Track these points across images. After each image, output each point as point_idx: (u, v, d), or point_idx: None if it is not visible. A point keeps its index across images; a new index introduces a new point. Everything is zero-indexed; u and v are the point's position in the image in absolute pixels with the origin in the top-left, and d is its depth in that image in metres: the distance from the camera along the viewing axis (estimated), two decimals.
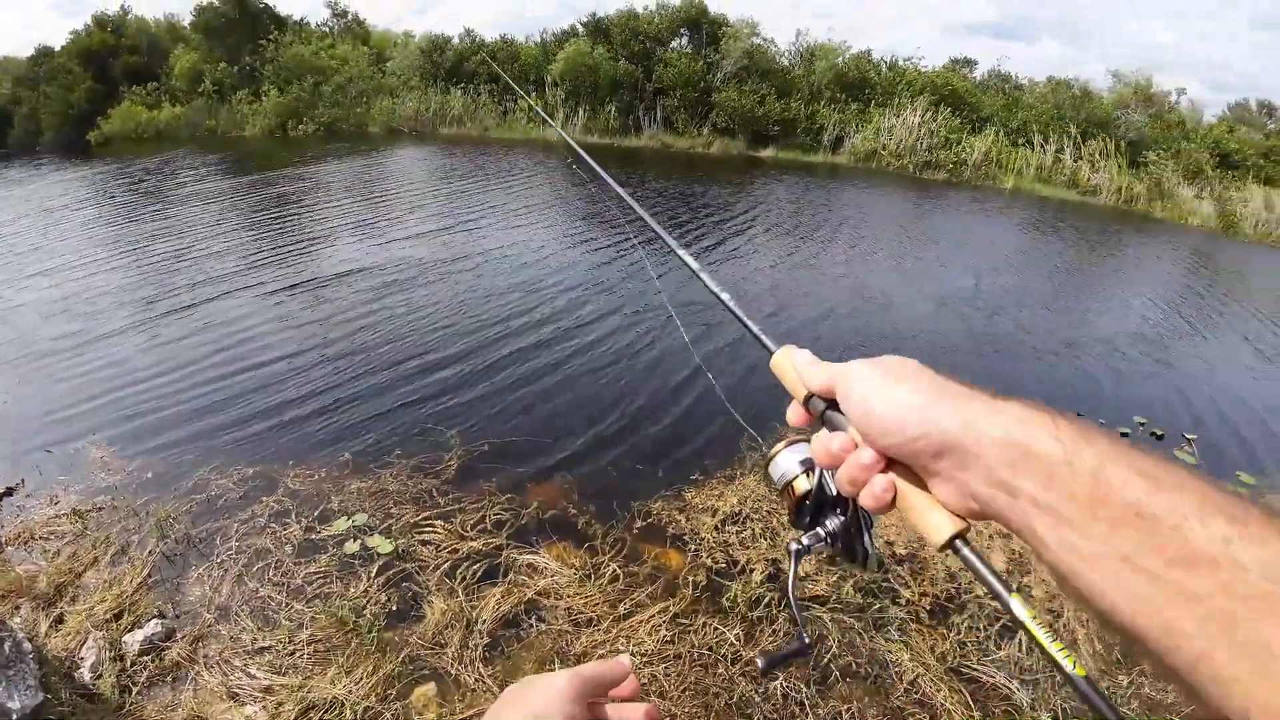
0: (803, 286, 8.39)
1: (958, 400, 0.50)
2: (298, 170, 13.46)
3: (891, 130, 19.68)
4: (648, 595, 3.18)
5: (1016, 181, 19.04)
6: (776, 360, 0.68)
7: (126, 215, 9.85)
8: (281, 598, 3.11)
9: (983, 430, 0.48)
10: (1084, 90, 21.01)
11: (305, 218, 9.80)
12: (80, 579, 3.18)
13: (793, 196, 14.46)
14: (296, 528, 3.51)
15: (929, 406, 0.51)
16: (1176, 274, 12.62)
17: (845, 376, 0.58)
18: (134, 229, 9.17)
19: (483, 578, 3.21)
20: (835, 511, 0.66)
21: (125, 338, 5.91)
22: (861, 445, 0.56)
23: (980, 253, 11.54)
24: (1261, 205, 18.13)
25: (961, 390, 0.52)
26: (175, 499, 3.72)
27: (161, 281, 7.20)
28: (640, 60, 20.93)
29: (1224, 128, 21.70)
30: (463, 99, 20.41)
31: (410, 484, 3.84)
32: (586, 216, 10.91)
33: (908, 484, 0.54)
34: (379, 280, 7.25)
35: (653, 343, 6.07)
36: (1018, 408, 0.48)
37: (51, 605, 3.02)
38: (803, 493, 0.69)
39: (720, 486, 4.01)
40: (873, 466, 0.54)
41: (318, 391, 4.95)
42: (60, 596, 3.08)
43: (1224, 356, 7.96)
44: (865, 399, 0.55)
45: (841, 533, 0.66)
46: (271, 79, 18.96)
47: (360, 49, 21.19)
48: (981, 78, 23.69)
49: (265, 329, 5.98)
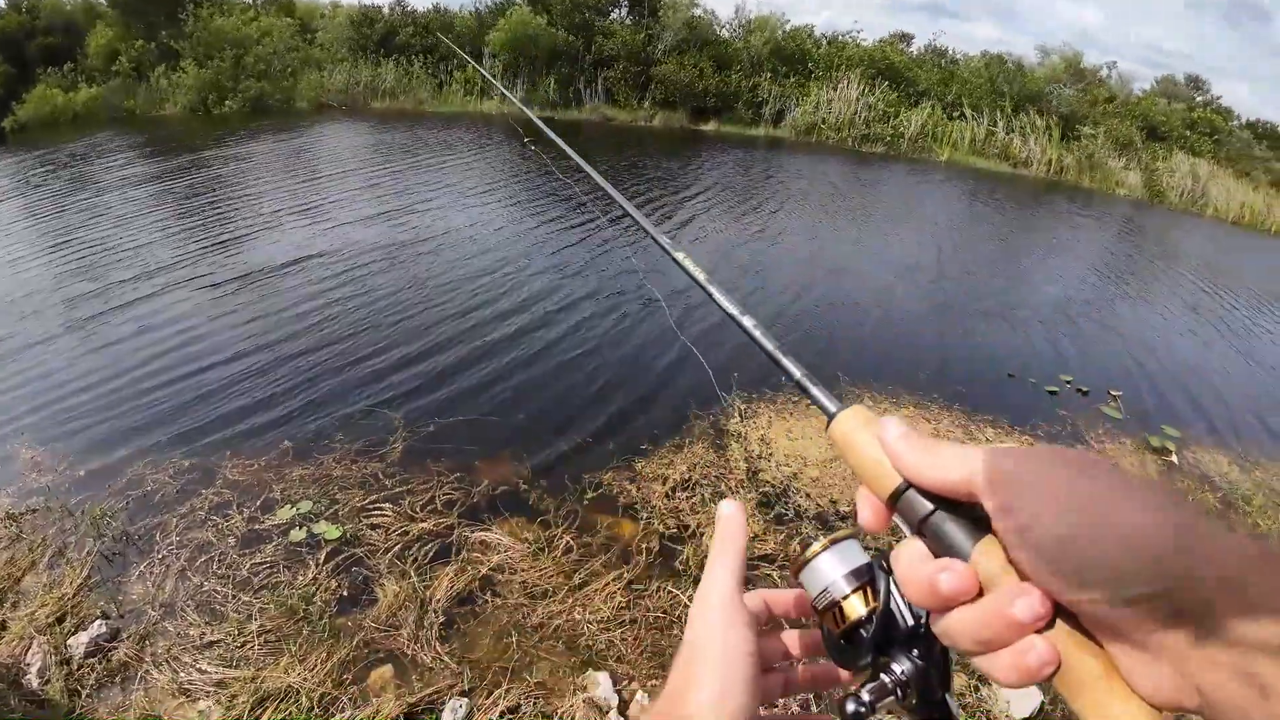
0: (758, 259, 8.52)
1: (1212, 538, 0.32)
2: (224, 150, 12.77)
3: (830, 104, 19.94)
4: (602, 564, 3.24)
5: (951, 154, 19.61)
6: (844, 427, 0.48)
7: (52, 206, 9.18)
8: (228, 590, 3.04)
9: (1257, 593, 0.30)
10: (1017, 65, 21.67)
11: (234, 202, 9.36)
12: (19, 584, 3.08)
13: (739, 170, 14.55)
14: (239, 519, 3.42)
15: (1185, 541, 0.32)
16: (1106, 241, 13.28)
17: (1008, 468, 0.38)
18: (59, 221, 8.57)
19: (435, 558, 3.20)
20: (908, 650, 0.45)
21: (50, 335, 5.55)
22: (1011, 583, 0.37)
23: (922, 223, 11.88)
24: (1187, 174, 19.14)
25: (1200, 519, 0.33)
26: (110, 496, 3.59)
27: (88, 275, 6.77)
28: (580, 31, 20.57)
29: (1150, 101, 22.75)
30: (395, 71, 19.69)
31: (355, 469, 3.77)
32: (531, 192, 10.74)
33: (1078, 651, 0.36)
34: (310, 265, 6.98)
35: (599, 320, 6.07)
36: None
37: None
38: (856, 619, 0.47)
39: (670, 455, 4.08)
40: (1031, 623, 0.36)
41: (252, 380, 4.78)
42: (0, 603, 2.96)
43: (1150, 317, 8.47)
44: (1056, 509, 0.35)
45: (917, 680, 0.44)
46: (190, 52, 17.92)
47: (285, 20, 20.18)
48: (918, 52, 24.14)
49: (194, 319, 5.71)
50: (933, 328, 6.93)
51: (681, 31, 20.38)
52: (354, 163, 12.26)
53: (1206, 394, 6.24)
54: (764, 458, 4.20)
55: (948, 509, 0.41)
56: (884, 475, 0.44)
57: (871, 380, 5.35)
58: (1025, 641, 0.36)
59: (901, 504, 0.43)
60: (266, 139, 14.18)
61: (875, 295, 7.62)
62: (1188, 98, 24.86)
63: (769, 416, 4.65)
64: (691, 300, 6.08)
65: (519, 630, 2.85)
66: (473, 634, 2.84)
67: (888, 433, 0.44)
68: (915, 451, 0.42)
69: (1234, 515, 4.33)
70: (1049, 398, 5.57)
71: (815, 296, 7.31)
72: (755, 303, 6.78)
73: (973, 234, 11.67)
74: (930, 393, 5.28)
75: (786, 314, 6.72)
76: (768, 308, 6.73)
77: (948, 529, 0.40)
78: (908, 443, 0.43)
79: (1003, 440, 4.74)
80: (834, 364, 5.59)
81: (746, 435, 4.42)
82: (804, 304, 7.05)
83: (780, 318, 6.56)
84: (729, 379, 5.12)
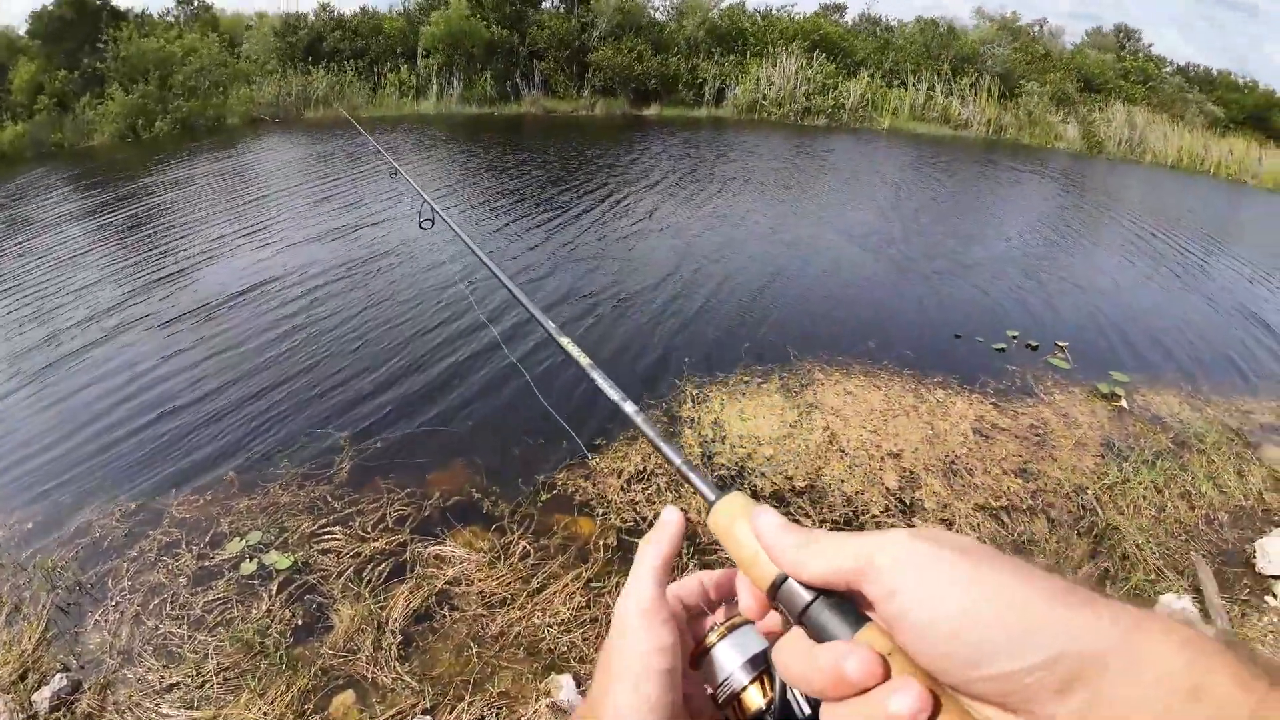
0: (717, 236, 8.60)
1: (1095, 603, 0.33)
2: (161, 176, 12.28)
3: (770, 80, 20.06)
4: (560, 565, 3.24)
5: (893, 121, 19.90)
6: (722, 515, 0.47)
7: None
8: (183, 631, 2.99)
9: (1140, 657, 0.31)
10: (950, 28, 21.98)
11: (175, 230, 9.05)
12: None
13: (685, 151, 14.55)
14: (188, 557, 3.35)
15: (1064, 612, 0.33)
16: (1048, 194, 13.62)
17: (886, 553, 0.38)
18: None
19: (389, 577, 3.17)
20: None
21: None
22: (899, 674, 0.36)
23: (868, 191, 12.05)
24: (1124, 123, 19.66)
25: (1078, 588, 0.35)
26: (60, 546, 3.49)
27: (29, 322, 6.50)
28: (513, 24, 20.30)
29: (1082, 54, 23.28)
30: (326, 78, 19.22)
31: (302, 493, 3.70)
32: (483, 194, 10.61)
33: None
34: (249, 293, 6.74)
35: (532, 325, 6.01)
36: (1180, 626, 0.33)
37: None
38: (756, 712, 0.45)
39: (624, 448, 4.08)
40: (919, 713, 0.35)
41: (193, 414, 4.63)
42: None
43: (1094, 265, 8.71)
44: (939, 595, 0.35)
45: None
46: (115, 77, 17.26)
47: (210, 36, 19.54)
48: (853, 21, 24.33)
49: (132, 359, 5.49)
50: (881, 294, 7.04)
51: (615, 17, 20.25)
52: (296, 178, 11.95)
53: (1154, 336, 6.42)
54: (718, 440, 4.24)
55: (827, 597, 0.40)
56: (762, 565, 0.44)
57: (821, 352, 5.41)
58: None
59: (781, 594, 0.42)
60: (202, 160, 13.75)
61: (823, 266, 7.72)
62: (1117, 48, 25.46)
63: (720, 399, 4.68)
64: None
65: (479, 641, 2.84)
66: (432, 650, 2.82)
67: (762, 526, 0.44)
68: (792, 546, 0.42)
69: (1188, 454, 4.42)
70: (998, 355, 5.70)
71: (765, 271, 7.37)
72: (710, 281, 6.83)
73: (918, 198, 11.84)
74: (880, 359, 5.37)
75: (735, 291, 6.75)
76: (718, 287, 6.77)
77: (828, 618, 0.40)
78: (783, 536, 0.43)
79: (953, 401, 4.84)
80: (784, 339, 5.64)
81: (700, 420, 4.44)
82: (750, 280, 7.09)
83: (729, 295, 6.61)
84: (680, 364, 5.15)
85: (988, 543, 0.40)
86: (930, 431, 4.47)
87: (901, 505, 3.80)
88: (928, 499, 3.85)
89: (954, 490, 3.96)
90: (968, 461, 4.21)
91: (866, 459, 4.14)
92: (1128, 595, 3.24)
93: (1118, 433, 4.68)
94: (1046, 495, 3.97)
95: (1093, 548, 3.60)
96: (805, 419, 4.49)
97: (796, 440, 4.26)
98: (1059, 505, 3.90)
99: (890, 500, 3.82)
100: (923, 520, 3.68)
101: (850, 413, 4.60)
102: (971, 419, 4.67)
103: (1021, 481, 4.07)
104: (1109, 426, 4.76)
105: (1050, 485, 4.06)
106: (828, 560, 0.40)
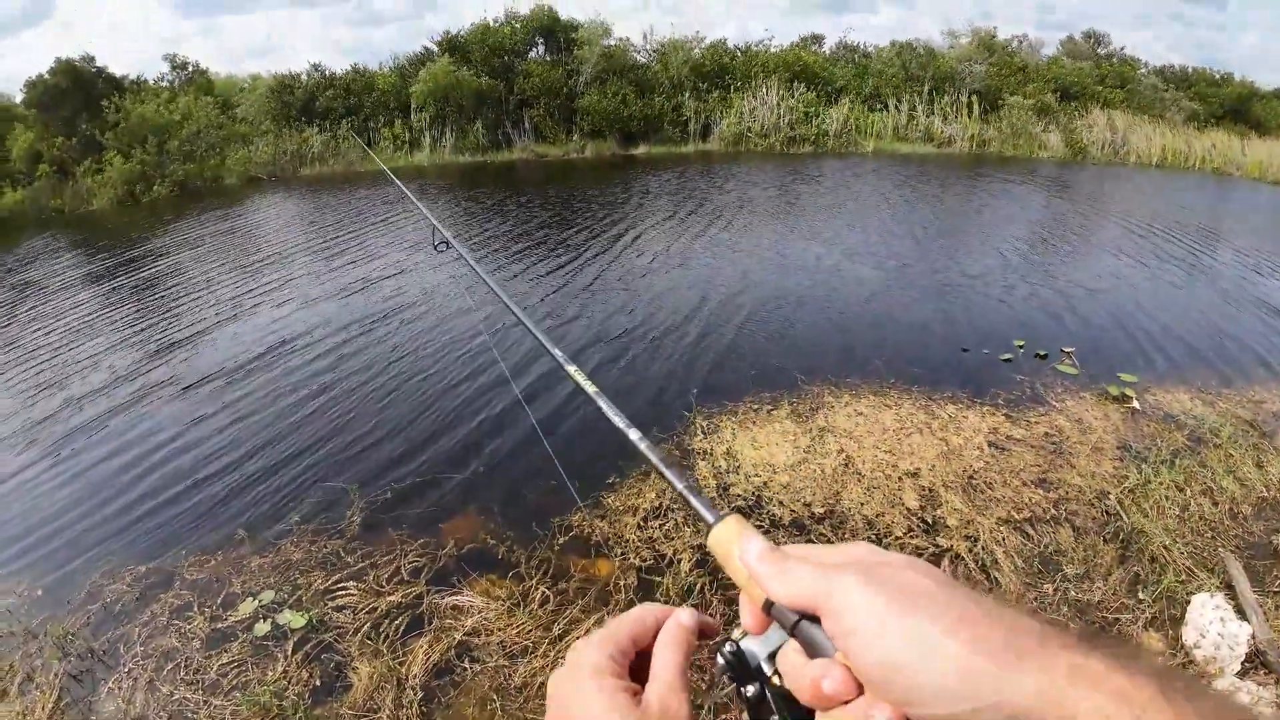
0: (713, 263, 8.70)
1: (1025, 654, 0.35)
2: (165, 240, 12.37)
3: (754, 112, 20.43)
4: (581, 609, 3.16)
5: (877, 144, 20.21)
6: (719, 538, 0.52)
7: None
8: (198, 696, 2.91)
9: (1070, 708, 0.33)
10: (927, 50, 22.43)
11: (173, 295, 9.12)
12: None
13: (675, 187, 14.72)
14: (201, 620, 3.27)
15: (990, 665, 0.35)
16: (1037, 202, 13.73)
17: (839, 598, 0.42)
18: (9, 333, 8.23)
19: (407, 630, 3.09)
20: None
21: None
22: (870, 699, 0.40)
23: (859, 212, 12.14)
24: (1105, 127, 19.94)
25: (1021, 627, 0.37)
26: (71, 612, 3.42)
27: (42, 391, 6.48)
28: (501, 74, 20.75)
29: (1058, 63, 23.71)
30: (320, 136, 19.57)
31: (314, 549, 3.64)
32: (493, 239, 10.71)
33: None
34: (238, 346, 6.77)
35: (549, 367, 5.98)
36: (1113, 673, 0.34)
37: None
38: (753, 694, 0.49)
39: (638, 484, 4.02)
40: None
41: (197, 472, 4.58)
42: None
43: (1092, 269, 8.72)
44: (881, 645, 0.39)
45: None
46: (113, 145, 17.59)
47: (204, 99, 19.95)
48: (831, 50, 24.82)
49: (138, 425, 5.47)
50: (883, 312, 7.04)
51: (600, 63, 20.69)
52: (300, 235, 12.07)
53: (1159, 334, 6.40)
54: (732, 471, 4.18)
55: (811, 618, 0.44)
56: (752, 588, 0.48)
57: (828, 374, 5.38)
58: None
59: (774, 611, 0.46)
60: (205, 222, 13.88)
61: (824, 289, 7.73)
62: (1091, 54, 25.87)
63: (732, 429, 4.63)
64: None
65: (502, 693, 2.75)
66: (455, 705, 2.74)
67: (747, 553, 0.49)
68: (770, 575, 0.46)
69: (1205, 450, 4.36)
70: (1005, 365, 5.67)
71: (765, 296, 7.37)
72: (710, 310, 6.83)
73: (910, 216, 11.93)
74: (888, 378, 5.34)
75: (736, 318, 6.75)
76: (719, 315, 6.77)
77: (815, 635, 0.44)
78: (763, 564, 0.47)
79: (965, 415, 4.80)
80: (791, 364, 5.62)
81: (712, 451, 4.39)
82: (750, 306, 7.09)
83: (730, 323, 6.61)
84: (688, 396, 5.12)
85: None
86: (945, 447, 4.42)
87: (925, 525, 3.73)
88: (950, 516, 3.78)
89: (975, 506, 3.89)
90: (986, 475, 4.15)
91: (884, 480, 4.08)
92: (1160, 598, 3.17)
93: (1133, 434, 4.63)
94: (1069, 504, 3.91)
95: (1120, 553, 3.52)
96: (818, 443, 4.44)
97: (811, 465, 4.21)
98: (1082, 513, 3.83)
99: (912, 521, 3.75)
100: (947, 538, 3.61)
101: (863, 434, 4.55)
102: (986, 432, 4.62)
103: (1042, 492, 4.01)
104: (1124, 429, 4.71)
105: (1071, 493, 4.00)
106: (793, 591, 0.44)
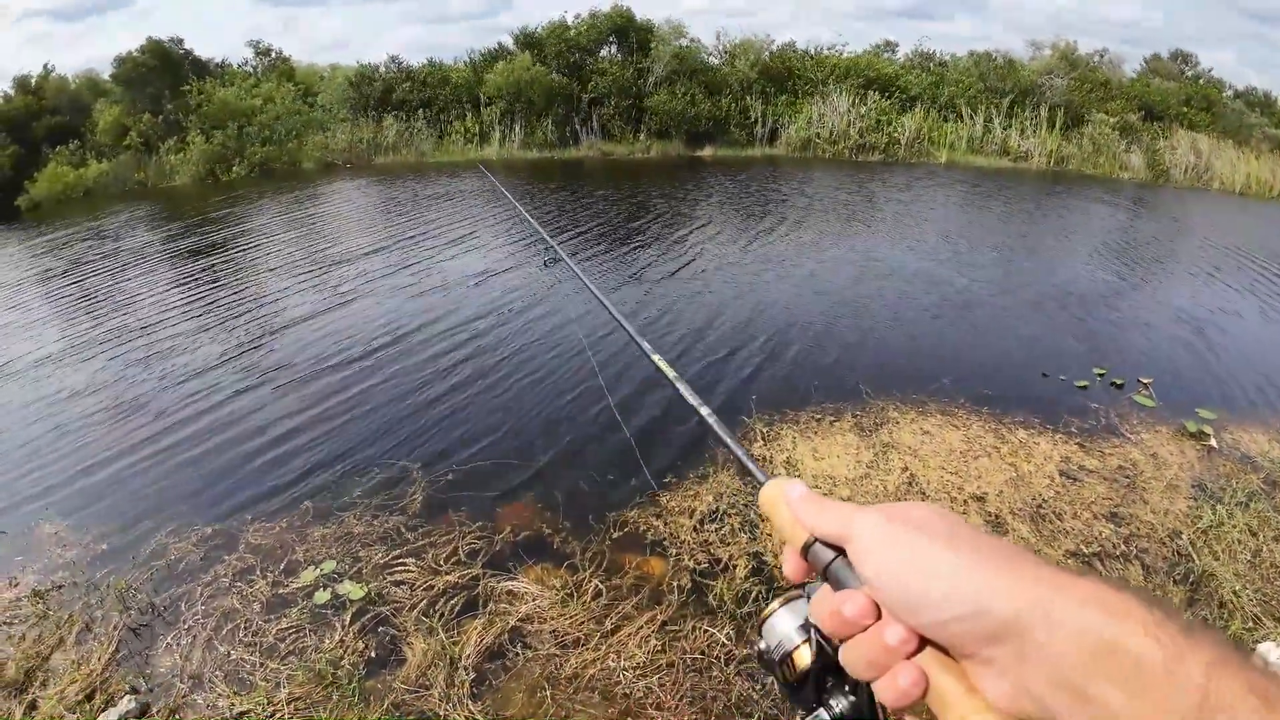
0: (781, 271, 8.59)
1: (1018, 570, 0.40)
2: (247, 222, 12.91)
3: (823, 118, 20.07)
4: (633, 606, 3.13)
5: (950, 155, 19.59)
6: (767, 494, 0.58)
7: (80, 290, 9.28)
8: (255, 658, 2.98)
9: (1056, 615, 0.37)
10: (1007, 60, 21.68)
11: (243, 270, 9.52)
12: (48, 662, 3.04)
13: (745, 189, 14.62)
14: (263, 584, 3.37)
15: (981, 576, 0.41)
16: (1119, 224, 13.11)
17: (860, 526, 0.48)
18: (89, 304, 8.76)
19: (462, 611, 3.11)
20: (844, 689, 0.52)
21: (66, 405, 5.62)
22: (887, 617, 0.45)
23: (931, 225, 11.80)
24: (1189, 150, 18.95)
25: (1015, 553, 0.42)
26: (134, 568, 3.55)
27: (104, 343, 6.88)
28: (573, 72, 20.96)
29: (1144, 81, 22.63)
30: (396, 126, 20.15)
31: (376, 524, 3.71)
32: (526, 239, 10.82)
33: (942, 673, 0.43)
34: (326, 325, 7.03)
35: (608, 357, 5.98)
36: (1100, 588, 0.38)
37: (23, 691, 2.88)
38: (804, 668, 0.54)
39: (695, 486, 3.98)
40: (901, 648, 0.44)
41: (268, 442, 4.75)
42: (30, 682, 2.93)
43: (1174, 297, 8.28)
44: (890, 560, 0.45)
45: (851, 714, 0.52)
46: (197, 126, 18.46)
47: (286, 86, 20.76)
48: (905, 58, 24.24)
49: (209, 389, 5.72)
50: (953, 330, 6.81)
51: (671, 63, 20.68)
52: (379, 218, 12.47)
53: (1240, 370, 6.04)
54: None
55: (844, 556, 0.49)
56: (794, 531, 0.54)
57: (894, 390, 5.22)
58: (898, 665, 0.43)
59: (811, 555, 0.52)
60: (286, 203, 14.49)
61: (892, 301, 7.52)
62: (1177, 73, 24.63)
63: (793, 437, 4.54)
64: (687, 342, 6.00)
65: (552, 683, 2.75)
66: (505, 689, 2.74)
67: (791, 494, 0.55)
68: (810, 510, 0.53)
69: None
70: (1080, 392, 5.41)
71: (831, 304, 7.23)
72: (776, 316, 6.73)
73: (984, 231, 11.56)
74: (956, 397, 5.15)
75: (802, 326, 6.62)
76: (785, 322, 6.66)
77: (844, 573, 0.49)
78: (804, 503, 0.54)
79: (1036, 441, 4.59)
80: (856, 376, 5.49)
81: (772, 459, 4.31)
82: (817, 314, 6.95)
83: (796, 330, 6.49)
84: (749, 400, 5.04)
85: None
86: (1014, 473, 4.24)
87: None
88: None
89: (1043, 536, 3.71)
90: (1056, 505, 3.96)
91: (949, 502, 3.93)
92: None
93: (1208, 473, 4.36)
94: (1139, 540, 3.70)
95: (1189, 595, 3.32)
96: (882, 459, 4.31)
97: (874, 481, 4.09)
98: (1153, 551, 3.62)
99: None
100: None
101: (928, 453, 4.40)
102: (1057, 460, 4.41)
103: (1113, 526, 3.80)
104: (1199, 467, 4.44)
105: (1143, 529, 3.78)
106: (825, 523, 0.51)
